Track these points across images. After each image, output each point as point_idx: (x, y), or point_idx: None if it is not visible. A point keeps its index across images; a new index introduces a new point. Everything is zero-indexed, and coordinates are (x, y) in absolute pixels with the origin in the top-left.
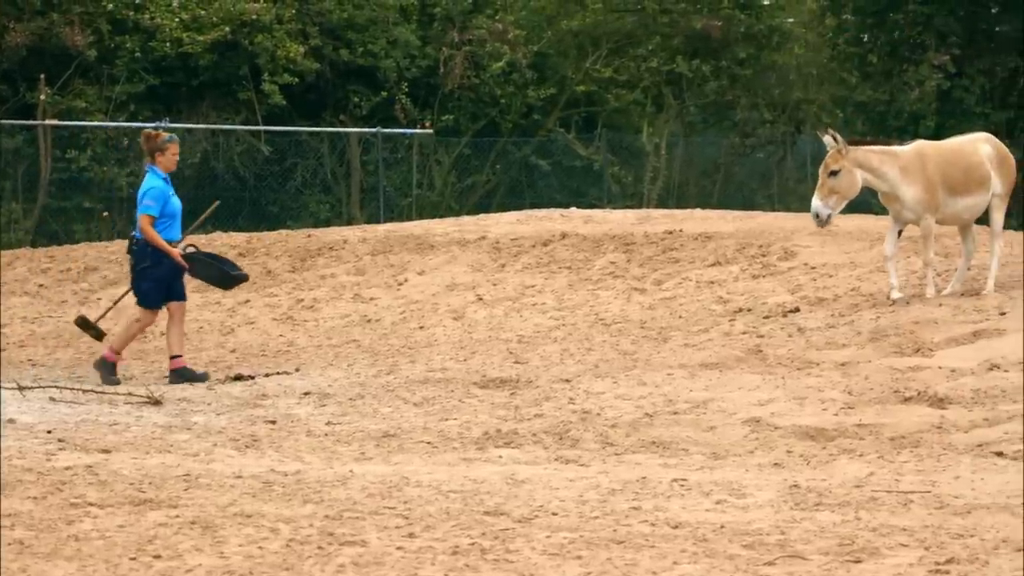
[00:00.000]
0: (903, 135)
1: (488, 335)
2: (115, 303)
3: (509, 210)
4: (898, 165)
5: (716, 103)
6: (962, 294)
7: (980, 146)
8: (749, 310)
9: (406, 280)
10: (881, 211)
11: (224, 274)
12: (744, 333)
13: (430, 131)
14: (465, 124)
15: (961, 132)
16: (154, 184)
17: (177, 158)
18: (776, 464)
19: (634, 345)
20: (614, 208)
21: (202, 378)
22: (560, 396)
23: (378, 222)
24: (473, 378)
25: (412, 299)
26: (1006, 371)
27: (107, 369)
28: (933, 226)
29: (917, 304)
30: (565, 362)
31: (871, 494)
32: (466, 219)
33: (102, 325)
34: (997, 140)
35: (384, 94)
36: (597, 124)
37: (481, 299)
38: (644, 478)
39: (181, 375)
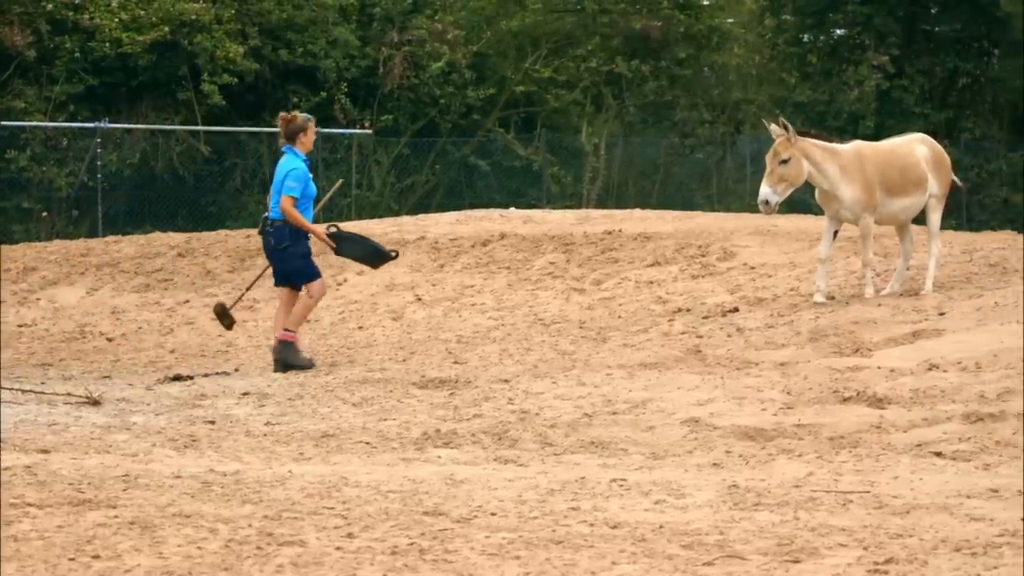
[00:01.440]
0: (843, 135)
1: (427, 335)
2: (248, 288)
3: (448, 210)
4: (838, 164)
5: (655, 103)
6: (901, 294)
7: (916, 147)
8: (688, 310)
9: (345, 280)
10: (820, 211)
11: (376, 251)
12: (683, 333)
13: (369, 131)
14: (404, 124)
15: (900, 132)
16: (297, 165)
17: (314, 137)
18: (715, 464)
19: (573, 345)
20: (553, 208)
21: (308, 365)
22: (499, 396)
23: (317, 222)
24: (412, 378)
25: (351, 299)
26: (945, 371)
27: (290, 350)
28: (872, 226)
29: (856, 304)
30: (504, 362)
31: (810, 494)
32: (405, 219)
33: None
34: (933, 141)
35: (323, 94)
36: (536, 124)
37: (420, 299)
38: (583, 478)
39: (286, 358)
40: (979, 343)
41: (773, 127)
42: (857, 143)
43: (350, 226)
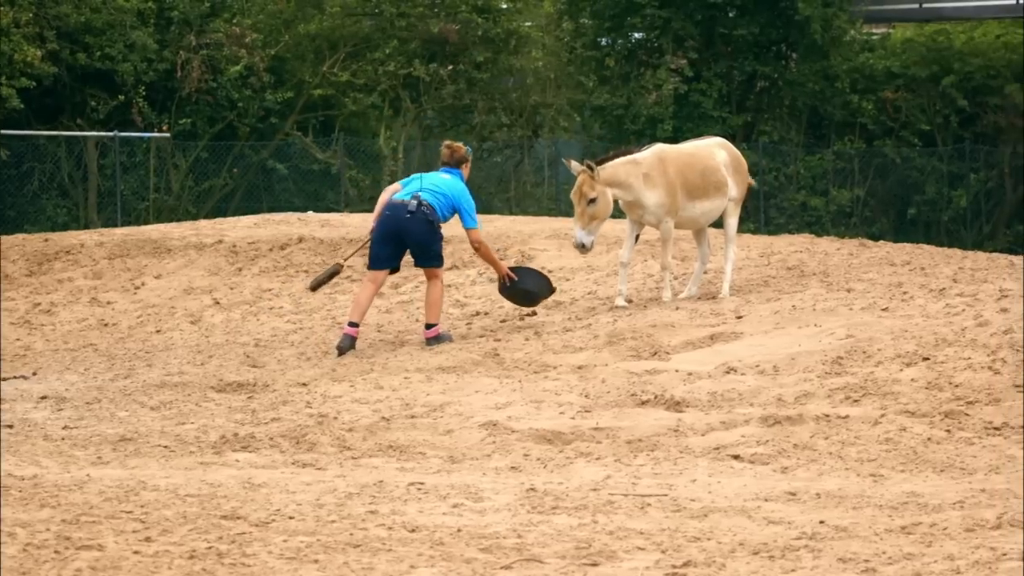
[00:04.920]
0: (641, 139)
1: (225, 339)
2: (360, 247)
3: (246, 214)
4: (641, 172)
5: (453, 107)
6: (699, 298)
7: (716, 151)
8: (486, 313)
9: (143, 284)
10: (618, 215)
11: (547, 283)
12: (481, 336)
13: (167, 135)
14: (202, 128)
15: (699, 135)
16: (469, 196)
17: None
18: (513, 467)
19: (371, 349)
20: (351, 212)
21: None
22: (297, 400)
23: (115, 226)
24: (210, 382)
25: (149, 303)
26: (743, 374)
27: (441, 338)
28: (673, 230)
29: (654, 308)
30: (302, 366)
31: (608, 497)
32: (203, 223)
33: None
34: (731, 145)
35: (121, 98)
36: (334, 128)
37: (218, 303)
38: (381, 482)
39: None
40: (777, 346)
41: (574, 164)
42: (657, 147)
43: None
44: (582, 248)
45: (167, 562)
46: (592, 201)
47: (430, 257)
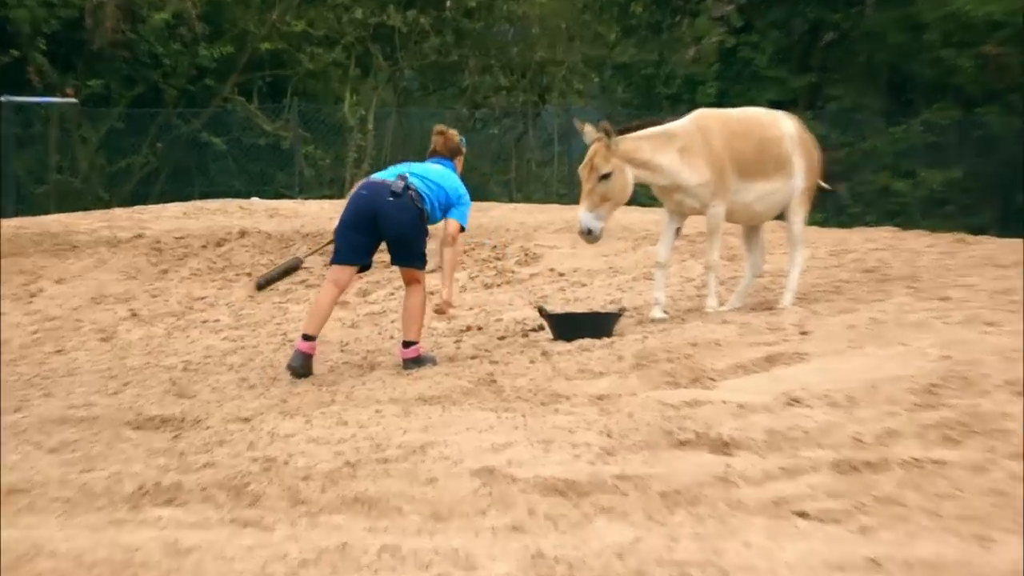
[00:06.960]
0: (677, 105)
1: (145, 361)
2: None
3: (173, 200)
4: (675, 147)
5: (438, 64)
6: (753, 308)
7: (781, 120)
8: (480, 328)
9: (40, 291)
10: (649, 202)
11: (612, 321)
12: (474, 358)
13: (74, 100)
14: (118, 91)
15: (750, 101)
16: (467, 193)
17: None
18: (515, 527)
19: (332, 373)
20: (307, 198)
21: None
22: (237, 440)
23: (6, 216)
24: (126, 416)
25: (48, 315)
26: (809, 407)
27: (422, 360)
28: (722, 217)
29: (695, 320)
30: (244, 395)
31: (638, 566)
32: (118, 212)
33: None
34: (801, 123)
35: (15, 53)
36: (287, 92)
37: (136, 315)
38: (345, 545)
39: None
40: (852, 371)
41: (588, 129)
42: (698, 112)
43: None
44: (588, 235)
45: None
46: (605, 177)
47: (411, 256)
